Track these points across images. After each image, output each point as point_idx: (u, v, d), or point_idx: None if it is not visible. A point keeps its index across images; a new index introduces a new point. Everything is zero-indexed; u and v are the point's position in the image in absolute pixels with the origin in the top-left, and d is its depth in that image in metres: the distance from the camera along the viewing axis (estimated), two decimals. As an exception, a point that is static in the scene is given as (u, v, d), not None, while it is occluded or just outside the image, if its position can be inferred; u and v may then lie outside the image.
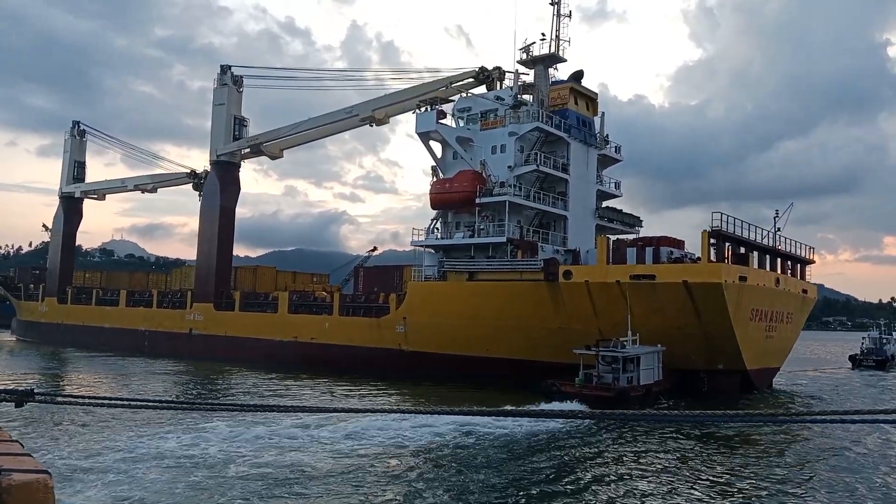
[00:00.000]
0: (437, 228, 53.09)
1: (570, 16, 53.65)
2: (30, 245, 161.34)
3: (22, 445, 3.96)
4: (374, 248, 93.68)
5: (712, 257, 40.64)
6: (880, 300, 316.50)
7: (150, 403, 6.94)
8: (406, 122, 58.23)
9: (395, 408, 36.05)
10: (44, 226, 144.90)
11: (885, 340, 75.45)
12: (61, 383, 44.96)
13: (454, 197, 49.96)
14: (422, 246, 52.61)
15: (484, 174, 49.79)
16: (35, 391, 4.97)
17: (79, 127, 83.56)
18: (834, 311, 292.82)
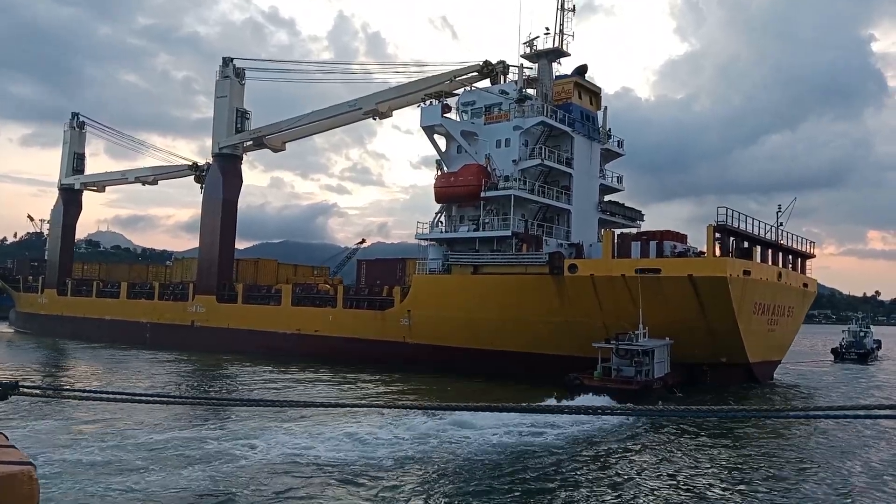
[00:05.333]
0: (442, 222, 53.26)
1: (573, 10, 53.93)
2: (14, 236, 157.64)
3: (6, 437, 3.90)
4: (363, 241, 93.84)
5: (717, 251, 41.07)
6: (864, 294, 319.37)
7: (140, 397, 6.43)
8: (395, 115, 58.21)
9: (408, 403, 36.03)
10: (29, 216, 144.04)
11: (863, 334, 76.97)
12: (54, 376, 44.51)
13: (459, 191, 50.13)
14: (426, 239, 52.80)
15: (488, 168, 49.99)
16: (20, 384, 4.82)
17: (78, 119, 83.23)
18: (819, 304, 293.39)
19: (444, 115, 51.72)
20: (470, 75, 55.83)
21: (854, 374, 57.93)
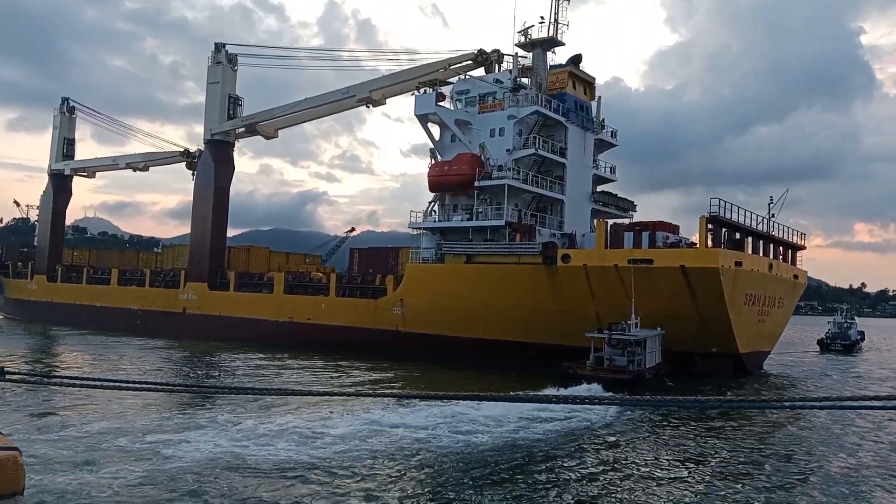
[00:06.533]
0: (435, 211, 53.24)
1: (568, -1, 53.75)
2: (0, 221, 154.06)
3: None
4: (352, 229, 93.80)
5: (709, 242, 41.29)
6: (850, 285, 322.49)
7: (126, 384, 5.79)
8: (386, 103, 58.00)
9: (399, 392, 36.04)
10: (15, 202, 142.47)
11: (847, 325, 77.90)
12: (42, 362, 44.17)
13: (453, 180, 50.08)
14: (419, 228, 52.78)
15: (482, 157, 49.96)
16: (6, 370, 4.75)
17: (68, 104, 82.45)
18: (805, 296, 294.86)
19: (438, 103, 51.56)
20: (464, 64, 55.66)
21: (841, 365, 58.58)
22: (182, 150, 71.25)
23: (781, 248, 49.54)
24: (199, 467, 18.09)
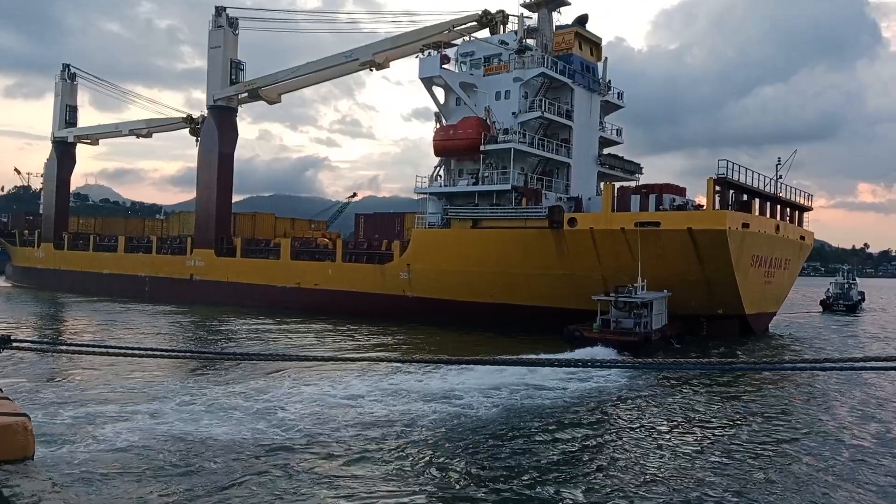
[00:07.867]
0: (441, 175, 53.07)
1: (575, -42, 52.73)
2: (2, 189, 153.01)
3: (1, 390, 3.91)
4: (354, 194, 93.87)
5: (716, 204, 41.19)
6: (853, 246, 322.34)
7: (132, 351, 5.52)
8: (390, 66, 56.92)
9: (407, 357, 36.27)
10: (16, 170, 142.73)
11: (848, 286, 78.56)
12: (49, 329, 44.44)
13: (458, 144, 49.77)
14: (425, 193, 52.69)
15: (488, 121, 49.58)
16: (12, 338, 4.78)
17: (69, 70, 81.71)
18: (808, 256, 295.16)
19: (443, 66, 50.96)
20: (468, 25, 54.93)
21: (846, 326, 58.90)
22: (185, 116, 70.83)
23: (788, 209, 49.40)
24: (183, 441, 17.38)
